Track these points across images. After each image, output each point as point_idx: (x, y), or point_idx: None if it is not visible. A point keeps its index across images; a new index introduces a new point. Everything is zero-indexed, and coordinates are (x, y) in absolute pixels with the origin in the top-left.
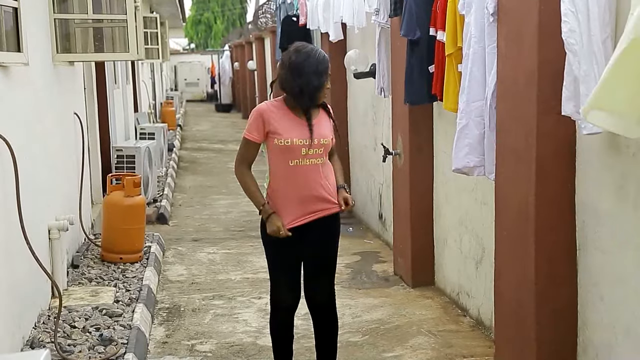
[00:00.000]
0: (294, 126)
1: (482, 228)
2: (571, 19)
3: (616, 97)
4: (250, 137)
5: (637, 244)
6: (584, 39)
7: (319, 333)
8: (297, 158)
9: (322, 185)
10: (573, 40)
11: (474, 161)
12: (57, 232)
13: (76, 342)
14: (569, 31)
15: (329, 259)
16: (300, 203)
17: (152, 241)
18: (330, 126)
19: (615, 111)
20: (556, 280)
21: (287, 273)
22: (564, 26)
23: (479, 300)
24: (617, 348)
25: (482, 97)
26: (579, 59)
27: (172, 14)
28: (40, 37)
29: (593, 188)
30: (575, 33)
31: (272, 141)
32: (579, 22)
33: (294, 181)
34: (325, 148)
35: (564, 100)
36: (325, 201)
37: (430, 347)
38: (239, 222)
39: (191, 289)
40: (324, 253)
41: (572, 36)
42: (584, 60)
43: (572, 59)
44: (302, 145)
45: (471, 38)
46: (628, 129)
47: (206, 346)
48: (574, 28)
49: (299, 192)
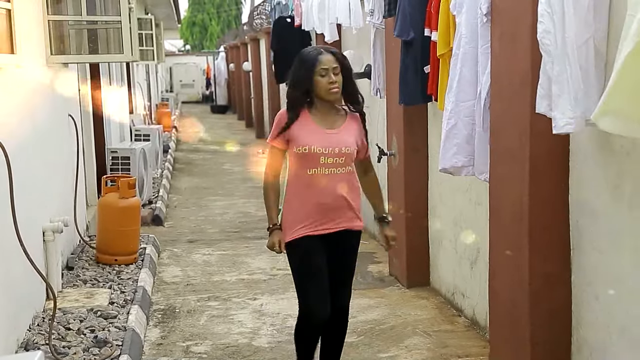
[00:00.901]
0: (313, 132)
1: (476, 227)
2: (546, 20)
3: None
4: (273, 144)
5: (631, 244)
6: (558, 40)
7: (328, 337)
8: (316, 167)
9: (344, 196)
10: (547, 41)
11: (462, 161)
12: (51, 234)
13: (71, 344)
14: (544, 32)
15: (346, 274)
16: (318, 212)
17: (147, 243)
18: (357, 135)
19: (625, 115)
20: (550, 280)
21: (313, 281)
22: (540, 27)
23: (474, 301)
24: (611, 347)
25: (471, 97)
26: (552, 59)
27: (167, 15)
28: (34, 38)
29: (587, 187)
30: (550, 34)
31: (292, 148)
32: (554, 23)
33: (312, 189)
34: (347, 157)
35: (538, 99)
36: (347, 211)
37: (426, 347)
38: (234, 224)
39: (186, 290)
40: (342, 268)
41: (546, 37)
42: (557, 61)
43: (547, 59)
44: (320, 153)
45: (461, 38)
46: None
47: (201, 347)
48: (548, 29)
49: (317, 200)
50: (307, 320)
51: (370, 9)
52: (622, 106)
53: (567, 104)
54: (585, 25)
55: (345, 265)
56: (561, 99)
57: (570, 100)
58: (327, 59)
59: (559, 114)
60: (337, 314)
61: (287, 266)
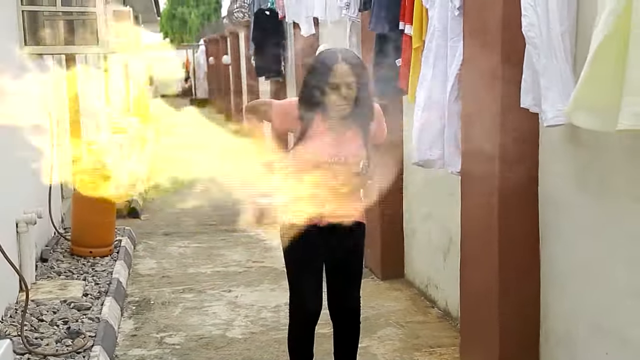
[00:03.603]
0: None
1: (450, 220)
2: (530, 13)
3: (593, 95)
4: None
5: (595, 235)
6: (543, 33)
7: (341, 340)
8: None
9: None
10: (533, 34)
11: (436, 154)
12: (25, 225)
13: (43, 335)
14: (529, 25)
15: (354, 267)
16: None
17: (123, 235)
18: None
19: (595, 109)
20: (520, 271)
21: (311, 277)
22: (524, 20)
23: (447, 292)
24: (577, 337)
25: (444, 91)
26: (539, 52)
27: (146, 7)
28: (8, 29)
29: (555, 180)
30: (535, 27)
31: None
32: (537, 15)
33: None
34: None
35: (522, 93)
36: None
37: (398, 338)
38: (211, 216)
39: (161, 282)
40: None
41: (531, 30)
42: (544, 54)
43: (533, 52)
44: (324, 161)
45: (435, 32)
46: (606, 124)
47: (175, 339)
48: (533, 22)
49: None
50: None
51: (346, 2)
52: (590, 101)
53: (557, 96)
54: (562, 19)
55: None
56: (550, 91)
57: (559, 92)
58: (342, 70)
59: (548, 106)
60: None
61: (263, 259)
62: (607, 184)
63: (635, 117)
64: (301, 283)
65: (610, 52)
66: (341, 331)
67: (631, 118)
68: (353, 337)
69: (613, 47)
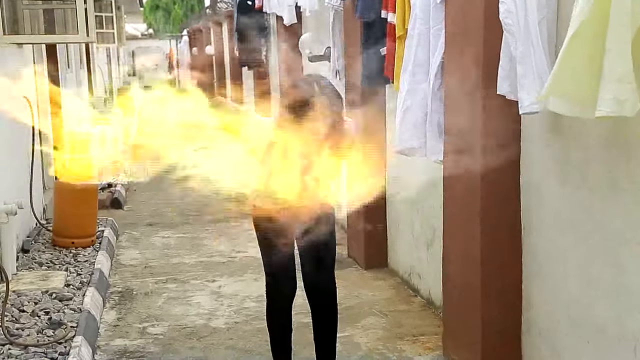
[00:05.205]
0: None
1: (432, 210)
2: (508, 0)
3: (570, 81)
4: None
5: (577, 224)
6: (520, 20)
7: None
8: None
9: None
10: (510, 21)
11: (418, 142)
12: (5, 216)
13: (25, 326)
14: (506, 12)
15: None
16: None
17: (106, 226)
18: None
19: (571, 96)
20: (502, 260)
21: (282, 259)
22: (501, 7)
23: (430, 281)
24: (558, 326)
25: (426, 78)
26: (515, 39)
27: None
28: None
29: (536, 169)
30: (512, 14)
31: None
32: (515, 3)
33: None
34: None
35: (499, 80)
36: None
37: (381, 326)
38: (194, 207)
39: (144, 272)
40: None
41: (509, 17)
42: (521, 41)
43: (510, 39)
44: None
45: (417, 19)
46: (585, 111)
47: (158, 329)
48: (510, 9)
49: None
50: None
51: None
52: (566, 87)
53: (533, 83)
54: (540, 7)
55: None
56: (526, 79)
57: (536, 80)
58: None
59: (524, 94)
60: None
61: (246, 249)
62: (585, 174)
63: (613, 104)
64: (271, 266)
65: (587, 37)
66: (317, 313)
67: (610, 104)
68: (330, 318)
69: (590, 32)
